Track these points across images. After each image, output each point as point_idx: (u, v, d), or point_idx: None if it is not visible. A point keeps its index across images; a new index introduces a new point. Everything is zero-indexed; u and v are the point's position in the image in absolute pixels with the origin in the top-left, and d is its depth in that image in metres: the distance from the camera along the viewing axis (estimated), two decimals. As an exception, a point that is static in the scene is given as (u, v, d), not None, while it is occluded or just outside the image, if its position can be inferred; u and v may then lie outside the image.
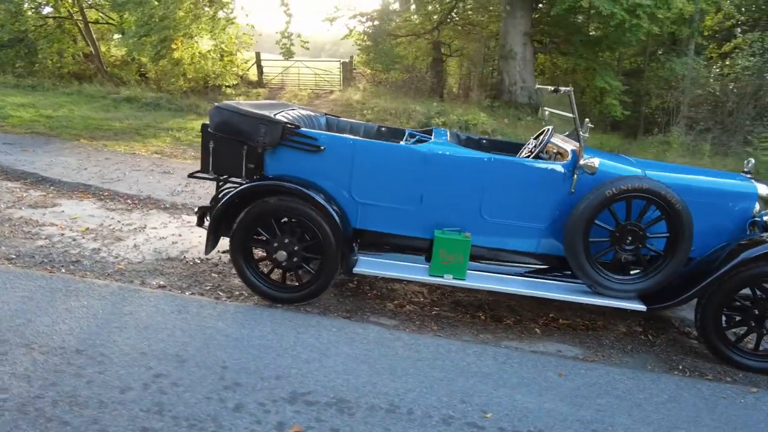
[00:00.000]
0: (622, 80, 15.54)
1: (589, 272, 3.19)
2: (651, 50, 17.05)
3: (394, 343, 3.10)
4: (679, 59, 15.41)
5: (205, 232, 3.52)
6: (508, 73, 14.06)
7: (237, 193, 3.29)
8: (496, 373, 2.89)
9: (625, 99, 15.04)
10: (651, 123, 16.40)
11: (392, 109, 12.88)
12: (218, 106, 3.32)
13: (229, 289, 3.60)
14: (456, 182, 3.30)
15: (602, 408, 2.69)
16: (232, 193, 3.30)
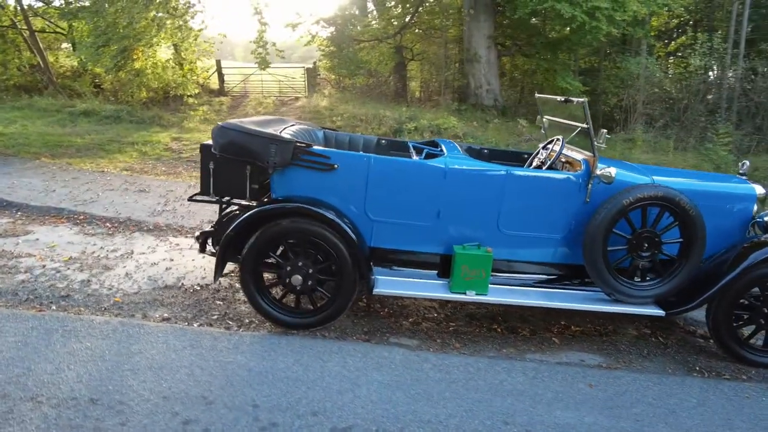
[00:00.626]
0: (581, 80, 16.06)
1: (609, 280, 3.21)
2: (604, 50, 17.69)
3: (423, 365, 3.01)
4: (633, 59, 16.06)
5: (200, 257, 3.32)
6: (473, 76, 14.22)
7: (249, 217, 3.12)
8: (529, 390, 2.86)
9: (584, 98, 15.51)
10: (610, 120, 17.03)
11: (362, 115, 12.79)
12: (223, 126, 3.14)
13: (238, 317, 3.42)
14: (474, 196, 3.25)
15: (639, 417, 2.69)
16: (244, 217, 3.13)
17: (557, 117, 3.91)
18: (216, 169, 3.38)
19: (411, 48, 18.36)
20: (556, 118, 3.93)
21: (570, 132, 3.78)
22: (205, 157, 3.40)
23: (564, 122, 3.74)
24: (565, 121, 3.74)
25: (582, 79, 16.31)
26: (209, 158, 3.37)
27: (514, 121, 13.74)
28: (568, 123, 3.67)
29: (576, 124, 3.52)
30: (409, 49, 18.39)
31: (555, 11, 12.17)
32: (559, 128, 4.31)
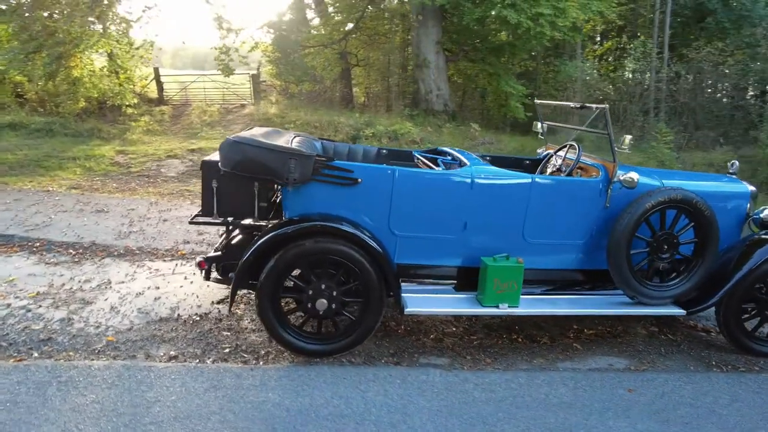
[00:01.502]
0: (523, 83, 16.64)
1: (633, 284, 3.24)
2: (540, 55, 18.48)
3: (465, 386, 2.88)
4: (570, 62, 16.86)
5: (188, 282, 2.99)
6: (423, 82, 14.32)
7: (271, 238, 2.85)
8: (576, 401, 2.80)
9: (525, 102, 16.09)
10: (550, 122, 17.76)
11: (315, 122, 12.51)
12: (235, 141, 2.85)
13: (253, 349, 3.12)
14: (501, 206, 3.17)
15: (686, 419, 2.71)
16: (265, 239, 2.85)
17: (559, 122, 3.93)
18: (220, 188, 3.08)
19: (356, 54, 18.27)
20: (558, 123, 3.95)
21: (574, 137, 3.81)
22: (207, 175, 3.09)
23: (572, 128, 3.76)
24: (573, 127, 3.75)
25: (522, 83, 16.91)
26: (212, 176, 3.07)
27: (465, 125, 13.99)
28: (576, 129, 3.69)
29: (590, 130, 3.54)
30: (353, 55, 18.29)
31: (501, 18, 12.50)
32: (559, 134, 4.35)
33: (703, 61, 14.82)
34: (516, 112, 15.50)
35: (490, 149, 12.26)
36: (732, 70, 14.88)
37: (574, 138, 4.09)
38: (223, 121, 13.29)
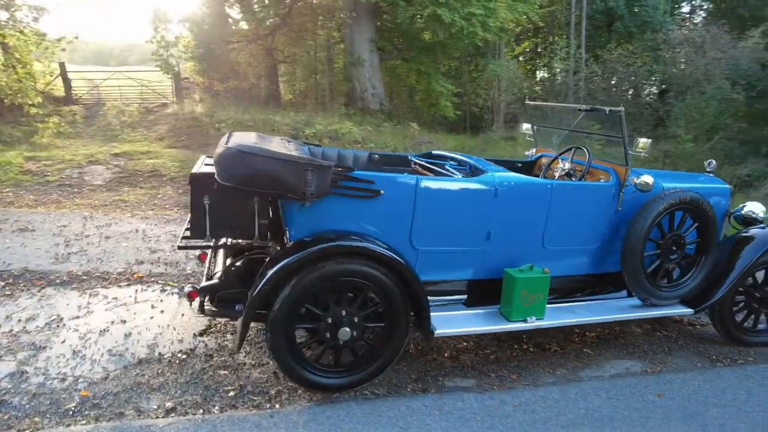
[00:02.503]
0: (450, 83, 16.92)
1: (648, 287, 3.23)
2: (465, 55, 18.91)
3: (504, 408, 2.69)
4: (495, 62, 17.40)
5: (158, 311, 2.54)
6: (358, 80, 14.06)
7: (292, 263, 2.47)
8: (615, 413, 2.72)
9: (454, 100, 16.39)
10: (479, 120, 18.27)
11: (248, 121, 11.79)
12: (242, 151, 2.43)
13: (261, 389, 2.72)
14: (524, 214, 3.01)
15: (720, 421, 2.72)
16: (282, 264, 2.46)
17: (547, 124, 3.86)
18: (213, 205, 2.64)
19: (282, 50, 17.59)
20: (545, 125, 3.87)
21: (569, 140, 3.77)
22: (197, 191, 2.63)
23: (580, 131, 3.71)
24: (581, 131, 3.70)
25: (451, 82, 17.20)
26: (203, 192, 2.62)
27: (403, 124, 13.92)
28: (586, 132, 3.63)
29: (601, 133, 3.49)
30: (280, 51, 17.60)
31: (436, 16, 12.54)
32: (548, 135, 4.30)
33: (616, 62, 15.89)
34: (446, 111, 15.74)
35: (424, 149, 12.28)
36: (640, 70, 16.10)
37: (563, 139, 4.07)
38: (144, 121, 12.15)
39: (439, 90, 15.57)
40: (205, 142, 10.70)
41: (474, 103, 18.31)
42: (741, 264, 3.40)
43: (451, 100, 15.99)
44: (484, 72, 17.79)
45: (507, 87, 16.78)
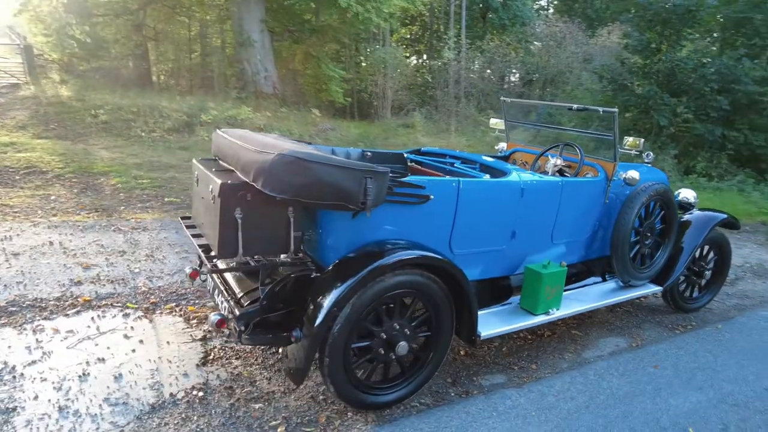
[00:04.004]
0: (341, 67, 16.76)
1: (631, 270, 3.57)
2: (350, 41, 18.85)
3: (547, 399, 2.80)
4: (381, 48, 17.61)
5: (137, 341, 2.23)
6: (248, 62, 13.20)
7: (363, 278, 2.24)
8: (634, 388, 2.98)
9: (344, 86, 16.31)
10: (368, 107, 18.38)
11: (131, 107, 10.48)
12: (299, 158, 2.12)
13: (309, 419, 2.47)
14: (542, 210, 3.11)
15: (711, 382, 3.13)
16: (358, 278, 2.23)
17: (522, 120, 4.02)
18: (246, 219, 2.30)
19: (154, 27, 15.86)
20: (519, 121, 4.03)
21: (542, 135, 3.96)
22: (229, 204, 2.26)
23: (573, 131, 3.90)
24: (575, 130, 3.90)
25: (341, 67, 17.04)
26: (235, 204, 2.27)
27: (301, 110, 13.46)
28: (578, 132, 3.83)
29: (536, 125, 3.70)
30: (151, 28, 15.85)
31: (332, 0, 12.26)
32: (518, 131, 4.46)
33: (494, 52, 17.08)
34: (336, 97, 15.59)
35: (331, 136, 12.06)
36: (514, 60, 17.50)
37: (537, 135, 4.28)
38: (-9, 106, 10.11)
39: (329, 75, 15.33)
40: (83, 132, 9.31)
41: (362, 89, 18.39)
42: (691, 244, 3.92)
43: (340, 86, 15.85)
44: (371, 58, 17.92)
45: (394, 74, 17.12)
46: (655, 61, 11.34)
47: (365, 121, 15.40)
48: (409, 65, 18.28)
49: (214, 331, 3.09)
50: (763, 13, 10.31)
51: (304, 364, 2.28)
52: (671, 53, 10.93)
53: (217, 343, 3.09)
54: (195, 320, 3.36)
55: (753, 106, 10.34)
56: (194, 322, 3.34)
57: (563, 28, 17.15)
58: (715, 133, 10.22)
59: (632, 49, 11.63)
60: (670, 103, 10.80)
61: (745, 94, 10.21)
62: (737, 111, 10.39)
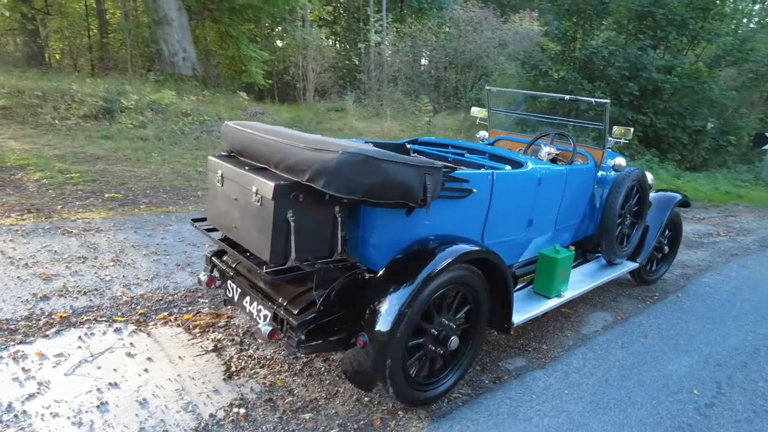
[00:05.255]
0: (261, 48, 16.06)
1: (616, 250, 3.84)
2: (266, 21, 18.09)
3: (572, 377, 2.96)
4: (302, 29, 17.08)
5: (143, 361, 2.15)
6: (165, 42, 12.18)
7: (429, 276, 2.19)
8: (636, 360, 3.24)
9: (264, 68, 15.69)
10: (291, 89, 17.82)
11: (35, 91, 9.27)
12: (369, 156, 2.00)
13: (364, 422, 2.40)
14: (551, 199, 3.23)
15: (690, 345, 3.49)
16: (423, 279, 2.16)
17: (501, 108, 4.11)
18: (298, 221, 2.16)
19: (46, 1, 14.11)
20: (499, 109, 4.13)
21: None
22: (282, 206, 2.10)
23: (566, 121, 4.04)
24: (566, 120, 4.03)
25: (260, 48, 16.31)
26: (289, 206, 2.12)
27: (225, 93, 12.73)
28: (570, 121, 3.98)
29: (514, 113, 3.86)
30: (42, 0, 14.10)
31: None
32: (501, 119, 4.57)
33: (416, 36, 17.26)
34: (257, 79, 14.97)
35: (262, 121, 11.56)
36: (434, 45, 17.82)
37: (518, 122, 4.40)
38: None
39: (249, 56, 14.64)
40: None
41: (282, 71, 17.79)
42: (657, 222, 4.29)
43: (261, 68, 15.22)
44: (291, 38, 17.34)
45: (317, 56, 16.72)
46: (572, 48, 12.13)
47: (291, 105, 14.91)
48: (332, 48, 17.92)
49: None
50: (663, 8, 11.39)
51: (374, 368, 2.20)
52: (587, 41, 11.75)
53: (233, 352, 2.89)
54: (197, 329, 3.11)
55: (657, 92, 11.47)
56: (197, 332, 3.08)
57: (479, 13, 17.71)
58: (627, 116, 11.21)
59: (552, 36, 12.33)
60: (587, 88, 11.65)
61: (650, 81, 11.28)
62: (644, 96, 11.46)
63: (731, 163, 12.68)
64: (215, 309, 3.38)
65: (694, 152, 11.87)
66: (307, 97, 16.73)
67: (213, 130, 9.43)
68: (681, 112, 11.50)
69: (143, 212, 5.23)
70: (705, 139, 11.78)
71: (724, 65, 12.49)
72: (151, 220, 4.98)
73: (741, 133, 12.45)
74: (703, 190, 10.09)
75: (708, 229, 7.34)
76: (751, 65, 12.81)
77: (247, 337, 3.05)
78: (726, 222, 7.98)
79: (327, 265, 2.24)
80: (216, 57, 16.37)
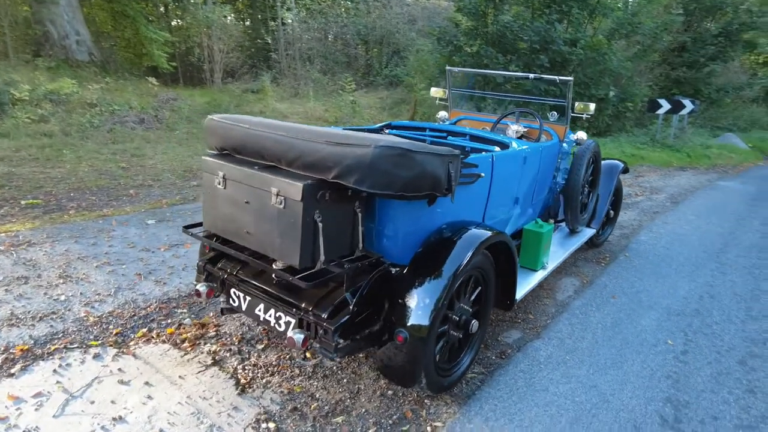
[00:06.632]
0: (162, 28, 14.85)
1: (579, 218, 4.09)
2: (163, 1, 16.74)
3: (567, 343, 3.13)
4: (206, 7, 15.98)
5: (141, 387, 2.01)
6: (53, 24, 10.78)
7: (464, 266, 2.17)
8: (615, 319, 3.50)
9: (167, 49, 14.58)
10: (199, 71, 16.68)
11: None
12: (406, 148, 1.91)
13: (397, 416, 2.38)
14: (531, 176, 3.34)
15: (653, 300, 3.84)
16: (455, 271, 2.14)
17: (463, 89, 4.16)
18: (326, 221, 2.05)
19: None
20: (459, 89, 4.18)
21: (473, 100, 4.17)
22: (310, 207, 1.98)
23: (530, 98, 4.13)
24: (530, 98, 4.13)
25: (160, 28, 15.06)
26: (316, 206, 2.00)
27: (130, 79, 11.61)
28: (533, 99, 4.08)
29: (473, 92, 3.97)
30: None
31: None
32: (461, 98, 4.60)
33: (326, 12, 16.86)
34: (159, 62, 13.89)
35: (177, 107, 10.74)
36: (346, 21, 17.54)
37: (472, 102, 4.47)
38: None
39: (150, 37, 13.49)
40: None
41: (187, 52, 16.62)
42: (607, 190, 4.62)
43: (163, 50, 14.10)
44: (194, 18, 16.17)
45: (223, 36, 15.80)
46: (484, 23, 12.51)
47: (205, 89, 13.99)
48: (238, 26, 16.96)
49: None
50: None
51: (415, 364, 2.17)
52: (498, 15, 12.17)
53: (235, 363, 2.71)
54: (186, 344, 2.87)
55: (565, 64, 12.21)
56: (187, 347, 2.85)
57: (388, -11, 17.65)
58: (540, 88, 11.84)
59: (465, 11, 12.60)
60: (502, 62, 12.11)
61: (559, 53, 11.98)
62: (554, 68, 12.15)
63: (629, 128, 13.94)
64: (198, 319, 3.14)
65: (599, 119, 12.88)
66: (216, 80, 15.80)
67: (126, 121, 8.61)
68: (586, 82, 12.37)
69: (75, 218, 4.68)
70: (608, 106, 12.80)
71: (618, 38, 13.57)
72: (89, 227, 4.47)
73: (635, 99, 13.68)
74: (612, 154, 11.00)
75: (626, 190, 8.04)
76: (640, 38, 14.04)
77: (244, 346, 2.88)
78: (638, 182, 8.80)
79: (355, 263, 2.14)
80: (109, 39, 14.84)
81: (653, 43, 14.13)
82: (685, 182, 9.22)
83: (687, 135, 13.31)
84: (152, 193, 5.72)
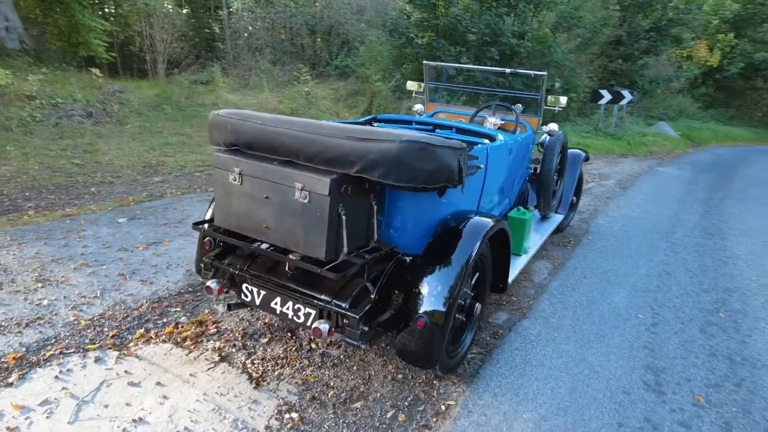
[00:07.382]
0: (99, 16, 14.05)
1: (551, 204, 4.34)
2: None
3: (552, 320, 3.35)
4: (146, -6, 15.24)
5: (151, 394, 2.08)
6: (-22, 8, 9.96)
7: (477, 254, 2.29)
8: (590, 297, 3.77)
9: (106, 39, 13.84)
10: (141, 62, 15.89)
11: None
12: (428, 143, 1.99)
13: (414, 398, 2.49)
14: (514, 166, 3.52)
15: (620, 279, 4.16)
16: (468, 258, 2.26)
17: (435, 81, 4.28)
18: (349, 214, 2.12)
19: None
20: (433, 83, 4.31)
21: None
22: (335, 201, 2.04)
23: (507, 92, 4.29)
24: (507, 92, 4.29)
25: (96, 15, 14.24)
26: (340, 200, 2.07)
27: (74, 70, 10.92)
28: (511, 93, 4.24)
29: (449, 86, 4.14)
30: None
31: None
32: (438, 94, 4.71)
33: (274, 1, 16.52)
34: (97, 52, 13.17)
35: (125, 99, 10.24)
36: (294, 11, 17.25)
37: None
38: None
39: (87, 25, 12.74)
40: None
41: (126, 41, 15.81)
42: (572, 177, 4.92)
43: (102, 39, 13.36)
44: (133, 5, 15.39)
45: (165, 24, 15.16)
46: (435, 15, 12.71)
47: (152, 81, 13.37)
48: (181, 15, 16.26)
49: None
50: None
51: (433, 347, 2.28)
52: (449, 8, 12.40)
53: (243, 358, 2.72)
54: (188, 342, 2.85)
55: (514, 56, 12.65)
56: (189, 345, 2.82)
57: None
58: (491, 80, 12.22)
59: (416, 3, 12.74)
60: (454, 54, 12.38)
61: (508, 45, 12.39)
62: (503, 60, 12.56)
63: (572, 117, 14.66)
64: (194, 317, 3.11)
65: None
66: (159, 70, 15.14)
67: (73, 114, 8.14)
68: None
69: (37, 219, 4.44)
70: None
71: (561, 31, 14.19)
72: (56, 227, 4.26)
73: (578, 90, 14.39)
74: (559, 143, 11.57)
75: (577, 177, 8.51)
76: (581, 31, 14.75)
77: (248, 341, 2.89)
78: (587, 169, 9.32)
79: (373, 254, 2.22)
80: (37, 26, 13.84)
81: (593, 37, 14.89)
82: (629, 168, 9.87)
83: (626, 124, 14.18)
84: (115, 190, 5.49)
